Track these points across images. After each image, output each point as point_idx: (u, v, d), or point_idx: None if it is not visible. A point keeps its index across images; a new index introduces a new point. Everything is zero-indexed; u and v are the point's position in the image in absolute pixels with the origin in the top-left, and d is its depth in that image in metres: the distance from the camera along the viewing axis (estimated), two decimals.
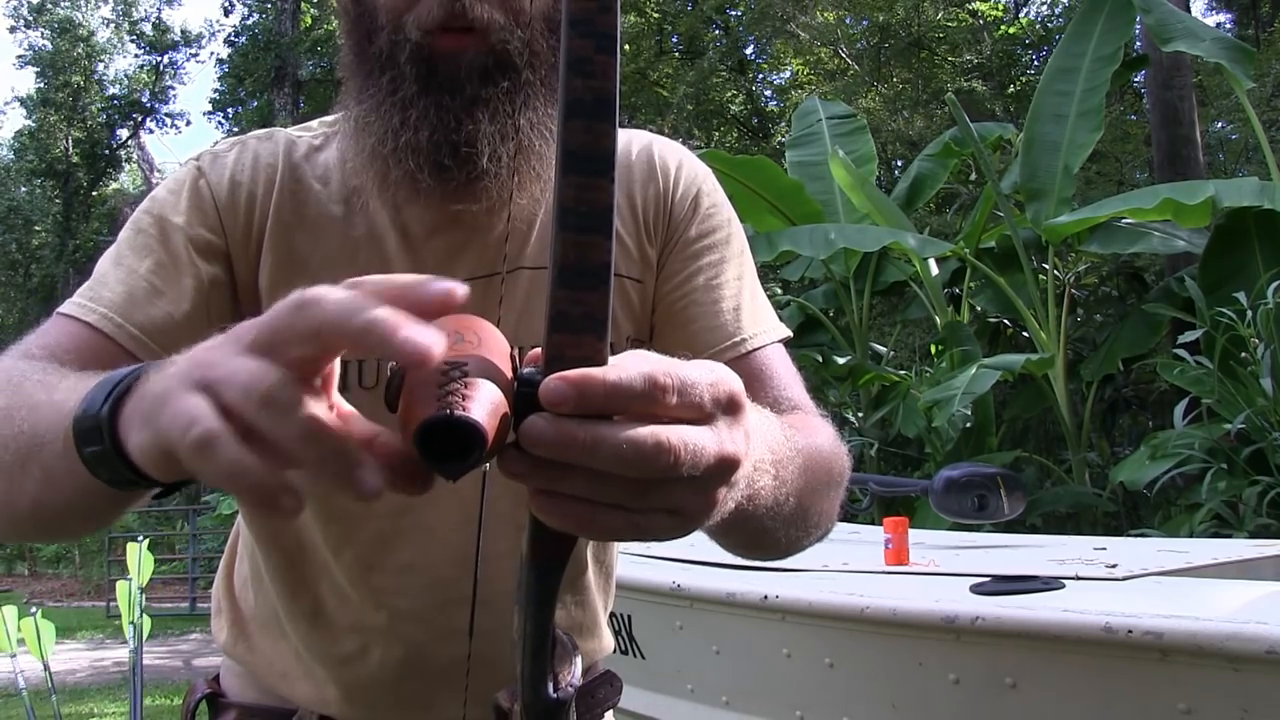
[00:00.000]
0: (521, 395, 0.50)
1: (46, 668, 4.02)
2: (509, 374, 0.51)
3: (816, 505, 0.82)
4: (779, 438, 0.69)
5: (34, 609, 4.21)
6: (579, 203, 0.50)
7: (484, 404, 0.47)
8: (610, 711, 1.10)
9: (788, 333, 1.03)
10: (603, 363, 0.50)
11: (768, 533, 0.76)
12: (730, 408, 0.52)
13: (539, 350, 0.51)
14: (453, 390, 0.47)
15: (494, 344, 0.53)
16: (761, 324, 0.99)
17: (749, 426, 0.54)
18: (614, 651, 1.13)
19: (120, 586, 4.17)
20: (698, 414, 0.50)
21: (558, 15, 0.89)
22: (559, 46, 0.85)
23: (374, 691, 0.98)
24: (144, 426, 0.49)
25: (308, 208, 0.96)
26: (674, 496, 0.51)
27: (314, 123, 1.04)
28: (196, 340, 0.53)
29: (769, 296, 1.07)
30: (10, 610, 4.06)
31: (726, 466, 0.51)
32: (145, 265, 0.91)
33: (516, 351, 0.54)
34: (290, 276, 0.92)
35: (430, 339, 0.44)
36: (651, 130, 1.10)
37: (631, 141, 1.05)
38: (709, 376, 0.51)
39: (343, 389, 0.91)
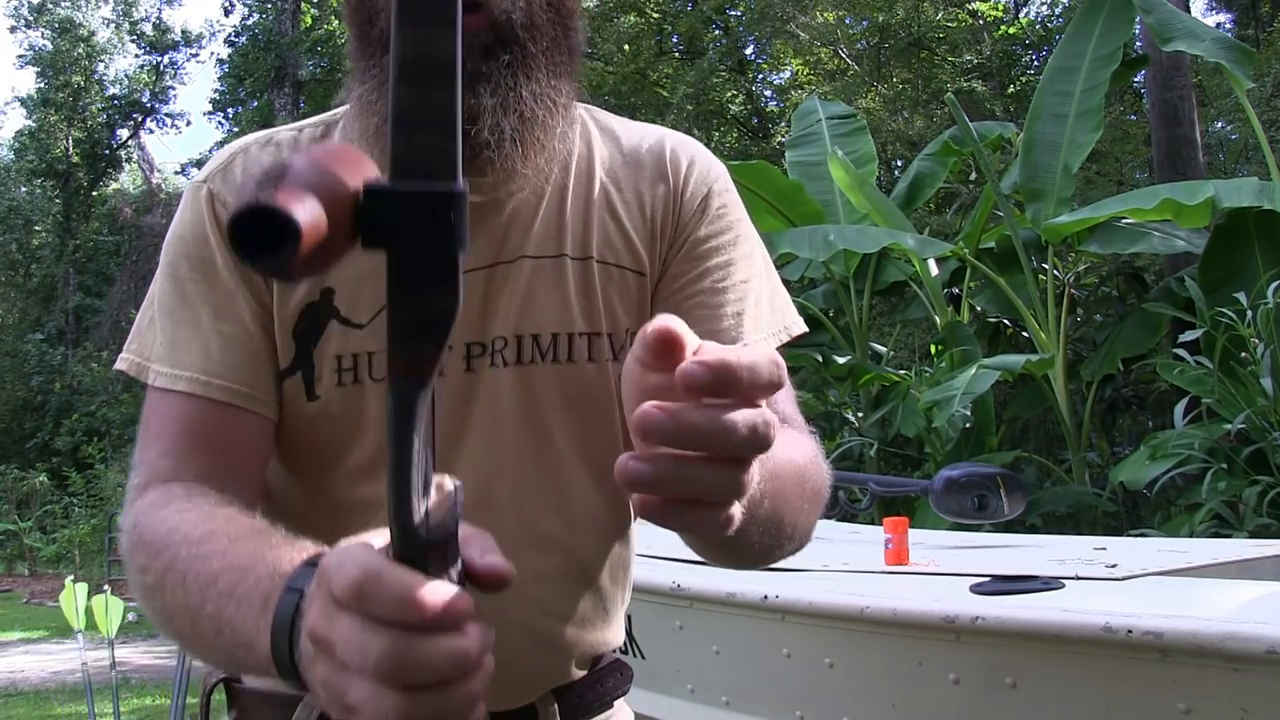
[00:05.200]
0: (369, 201, 0.47)
1: (111, 644, 4.15)
2: (356, 180, 0.48)
3: (791, 516, 0.81)
4: None
5: (105, 586, 4.28)
6: None
7: (298, 195, 0.46)
8: (622, 699, 1.09)
9: (798, 330, 1.04)
10: (455, 167, 0.46)
11: (743, 534, 0.73)
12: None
13: None
14: (266, 184, 0.46)
15: (345, 156, 0.50)
16: (762, 330, 0.99)
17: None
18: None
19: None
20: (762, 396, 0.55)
21: None
22: (558, 20, 0.92)
23: None
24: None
25: None
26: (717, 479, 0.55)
27: (313, 118, 1.05)
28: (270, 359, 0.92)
29: None
30: (81, 588, 4.15)
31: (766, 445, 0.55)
32: (206, 315, 0.93)
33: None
34: None
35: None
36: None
37: (645, 136, 1.05)
38: (771, 364, 0.55)
39: (354, 381, 0.94)
